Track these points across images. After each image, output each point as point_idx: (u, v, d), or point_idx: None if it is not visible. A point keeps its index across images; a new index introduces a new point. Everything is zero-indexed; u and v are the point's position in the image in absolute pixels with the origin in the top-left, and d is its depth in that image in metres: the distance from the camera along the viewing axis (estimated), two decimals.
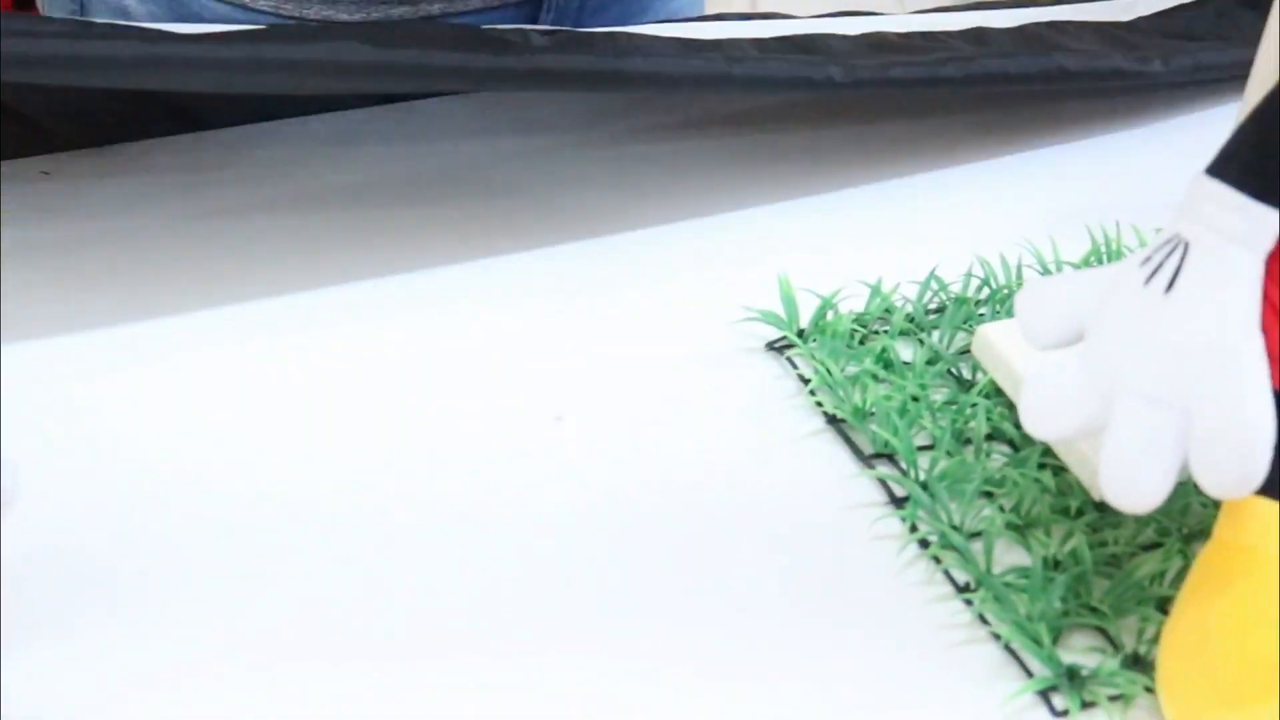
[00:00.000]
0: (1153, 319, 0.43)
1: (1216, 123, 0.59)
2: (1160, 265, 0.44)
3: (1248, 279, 0.43)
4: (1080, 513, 0.51)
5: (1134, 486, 0.43)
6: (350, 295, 0.62)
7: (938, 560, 0.50)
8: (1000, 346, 0.55)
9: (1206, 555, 0.45)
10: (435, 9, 0.69)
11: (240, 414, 0.55)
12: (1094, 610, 0.48)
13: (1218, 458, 0.41)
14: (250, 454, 0.53)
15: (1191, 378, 0.42)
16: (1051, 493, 0.52)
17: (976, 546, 0.50)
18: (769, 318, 0.60)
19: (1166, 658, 0.44)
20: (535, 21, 0.75)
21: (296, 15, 0.68)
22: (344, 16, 0.68)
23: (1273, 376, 0.42)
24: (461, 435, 0.55)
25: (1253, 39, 0.56)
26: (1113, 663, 0.46)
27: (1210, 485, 0.42)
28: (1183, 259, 0.43)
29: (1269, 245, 0.43)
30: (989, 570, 0.49)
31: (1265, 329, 0.43)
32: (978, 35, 0.71)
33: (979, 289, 0.62)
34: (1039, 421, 0.46)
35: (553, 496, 0.52)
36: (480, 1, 0.70)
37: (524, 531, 0.51)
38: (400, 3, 0.68)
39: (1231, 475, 0.41)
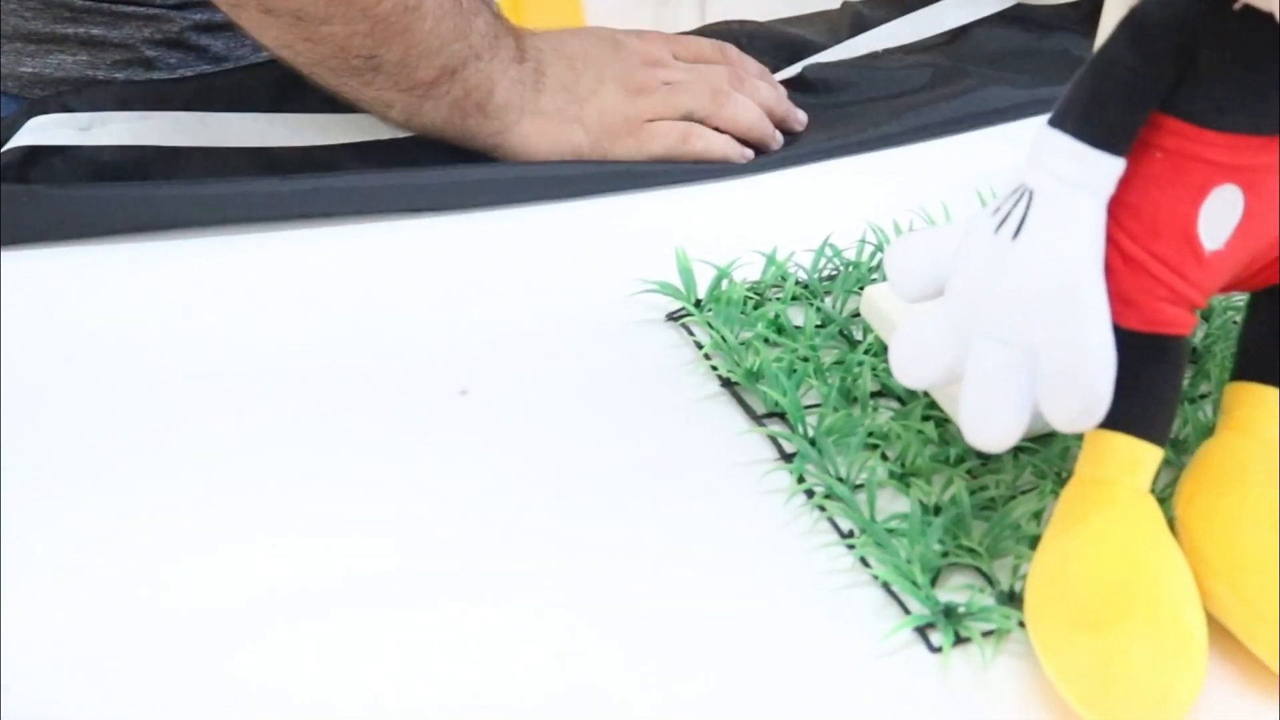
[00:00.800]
0: (1002, 265, 0.45)
1: None
2: (1008, 214, 0.45)
3: (1090, 222, 0.44)
4: (961, 460, 0.53)
5: (989, 425, 0.45)
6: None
7: (823, 509, 0.52)
8: (884, 305, 0.57)
9: (1069, 491, 0.47)
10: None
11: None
12: (971, 551, 0.50)
13: (1062, 391, 0.43)
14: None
15: (1037, 318, 0.44)
16: (934, 443, 0.54)
17: (861, 497, 0.52)
18: (667, 289, 0.62)
19: (1031, 587, 0.46)
20: None
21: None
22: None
23: (1115, 315, 0.44)
24: (369, 414, 0.57)
25: None
26: (986, 599, 0.48)
27: (1056, 418, 0.44)
28: (1028, 207, 0.45)
29: (1108, 189, 0.45)
30: (872, 518, 0.51)
31: (1109, 269, 0.45)
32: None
33: (872, 255, 0.64)
34: (905, 370, 0.48)
35: (462, 465, 0.54)
36: None
37: (437, 499, 0.53)
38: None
39: (1075, 408, 0.43)
